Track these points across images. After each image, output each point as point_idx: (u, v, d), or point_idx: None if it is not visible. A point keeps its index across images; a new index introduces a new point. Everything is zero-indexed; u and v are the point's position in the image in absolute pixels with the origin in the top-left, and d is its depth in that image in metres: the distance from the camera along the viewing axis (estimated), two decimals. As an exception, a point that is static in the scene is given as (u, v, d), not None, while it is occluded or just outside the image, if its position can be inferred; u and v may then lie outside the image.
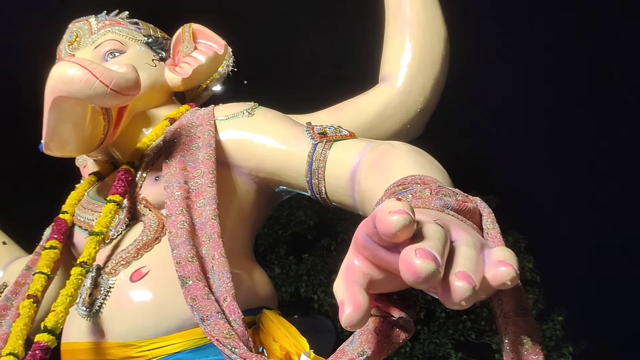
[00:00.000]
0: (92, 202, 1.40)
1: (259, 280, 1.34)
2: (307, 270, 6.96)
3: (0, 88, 2.01)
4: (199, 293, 1.05)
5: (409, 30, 1.48)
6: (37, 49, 1.71)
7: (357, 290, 0.62)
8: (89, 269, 1.21)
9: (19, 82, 1.36)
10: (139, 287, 1.19)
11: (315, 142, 1.24)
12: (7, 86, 1.66)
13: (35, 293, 1.22)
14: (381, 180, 0.98)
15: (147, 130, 1.46)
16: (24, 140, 1.49)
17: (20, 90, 1.31)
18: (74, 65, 1.11)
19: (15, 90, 1.44)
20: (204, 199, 1.20)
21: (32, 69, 1.43)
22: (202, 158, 1.27)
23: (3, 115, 2.02)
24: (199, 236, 1.16)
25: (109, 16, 1.61)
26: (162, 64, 1.56)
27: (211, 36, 1.61)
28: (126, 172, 1.33)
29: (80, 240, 1.37)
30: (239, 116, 1.37)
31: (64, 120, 1.20)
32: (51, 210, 1.46)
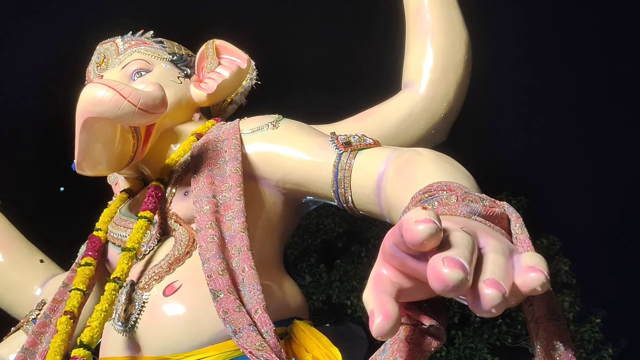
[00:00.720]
0: (124, 218, 1.43)
1: (290, 290, 1.35)
2: (339, 277, 6.96)
3: (35, 110, 2.07)
4: (231, 306, 1.06)
5: (430, 36, 1.47)
6: (67, 71, 1.76)
7: (387, 299, 0.63)
8: (122, 284, 1.23)
9: (52, 103, 1.40)
10: (172, 302, 1.21)
11: (340, 151, 1.24)
12: (41, 107, 1.71)
13: (72, 309, 1.25)
14: (407, 187, 0.98)
15: (175, 146, 1.49)
16: (58, 161, 1.53)
17: (54, 111, 1.34)
18: (103, 86, 1.14)
19: (48, 111, 1.49)
20: (233, 212, 1.22)
21: (63, 91, 1.47)
22: (229, 172, 1.29)
23: (37, 137, 2.08)
24: (228, 249, 1.17)
25: (134, 36, 1.65)
26: (187, 81, 1.59)
27: (234, 51, 1.63)
28: (156, 189, 1.35)
29: (113, 256, 1.40)
30: (264, 129, 1.38)
31: (95, 140, 1.23)
32: (85, 228, 1.50)
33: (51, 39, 1.95)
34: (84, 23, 1.75)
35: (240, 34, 1.75)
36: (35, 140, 2.07)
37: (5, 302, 1.67)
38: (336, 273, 7.02)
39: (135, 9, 2.08)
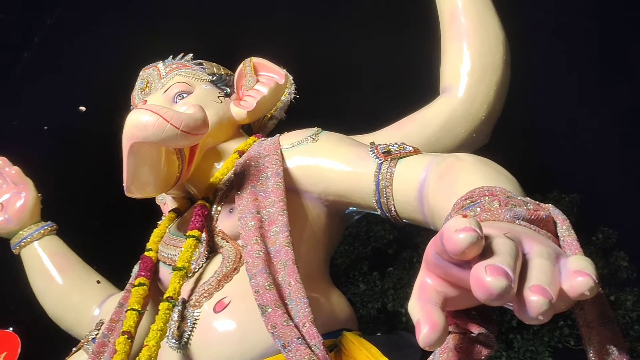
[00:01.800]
0: (174, 238, 1.46)
1: (337, 302, 1.35)
2: (393, 284, 6.91)
3: (85, 136, 2.15)
4: (279, 320, 1.07)
5: (466, 39, 1.46)
6: (113, 97, 1.82)
7: (433, 309, 0.62)
8: (175, 303, 1.26)
9: (101, 128, 1.46)
10: (223, 318, 1.23)
11: (380, 161, 1.24)
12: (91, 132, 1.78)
13: (129, 329, 1.29)
14: (449, 194, 0.97)
15: (218, 165, 1.52)
16: (108, 185, 1.59)
17: (103, 136, 1.40)
18: (146, 111, 1.18)
19: (98, 136, 1.55)
20: (277, 226, 1.23)
21: (110, 116, 1.52)
22: (271, 187, 1.31)
23: (89, 161, 2.16)
24: (274, 264, 1.18)
25: (174, 60, 1.69)
26: (227, 100, 1.62)
27: (271, 67, 1.66)
28: (202, 207, 1.38)
29: (165, 275, 1.43)
30: (304, 143, 1.40)
31: (142, 163, 1.27)
32: (137, 248, 1.54)
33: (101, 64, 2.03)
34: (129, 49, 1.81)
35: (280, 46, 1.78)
36: (87, 165, 2.17)
37: (67, 324, 1.73)
38: (390, 280, 6.97)
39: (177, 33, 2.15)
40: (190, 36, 2.26)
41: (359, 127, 1.54)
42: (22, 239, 1.73)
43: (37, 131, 2.33)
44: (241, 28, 1.92)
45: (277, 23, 2.28)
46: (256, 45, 1.75)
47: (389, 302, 6.80)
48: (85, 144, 2.00)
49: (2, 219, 1.72)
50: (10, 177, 1.76)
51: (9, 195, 1.74)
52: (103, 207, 2.17)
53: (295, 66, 1.71)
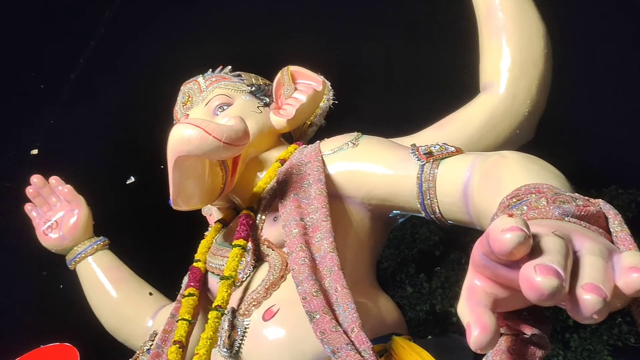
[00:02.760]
0: (220, 248, 1.49)
1: (385, 306, 1.35)
2: (440, 284, 6.82)
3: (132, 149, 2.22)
4: (327, 326, 1.07)
5: (505, 34, 1.43)
6: (158, 114, 1.87)
7: (482, 311, 0.61)
8: (223, 311, 1.28)
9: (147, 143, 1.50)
10: (272, 326, 1.24)
11: (422, 162, 1.23)
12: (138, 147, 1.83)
13: (180, 339, 1.32)
14: (494, 193, 0.95)
15: (261, 174, 1.54)
16: (155, 199, 1.63)
17: (150, 151, 1.44)
18: (189, 125, 1.21)
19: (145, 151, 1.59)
20: (321, 233, 1.24)
21: (155, 132, 1.56)
22: (314, 194, 1.31)
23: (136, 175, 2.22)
24: (320, 270, 1.19)
25: (214, 73, 1.73)
26: (267, 109, 1.64)
27: (309, 75, 1.67)
28: (247, 217, 1.40)
29: (213, 285, 1.45)
30: (344, 148, 1.40)
31: (187, 176, 1.30)
32: (186, 259, 1.58)
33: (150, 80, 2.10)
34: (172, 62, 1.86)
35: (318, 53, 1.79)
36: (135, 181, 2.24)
37: (122, 336, 1.78)
38: (437, 281, 6.88)
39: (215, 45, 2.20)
40: (229, 47, 2.29)
41: (399, 130, 1.53)
42: (76, 255, 1.78)
43: (86, 146, 2.40)
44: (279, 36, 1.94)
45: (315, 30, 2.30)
46: (294, 53, 1.76)
47: (437, 303, 6.71)
48: (135, 158, 2.06)
49: (57, 236, 1.78)
50: (63, 195, 1.83)
51: (62, 213, 1.80)
52: (152, 221, 2.22)
53: (333, 72, 1.72)
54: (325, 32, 2.31)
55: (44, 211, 1.82)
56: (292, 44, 1.93)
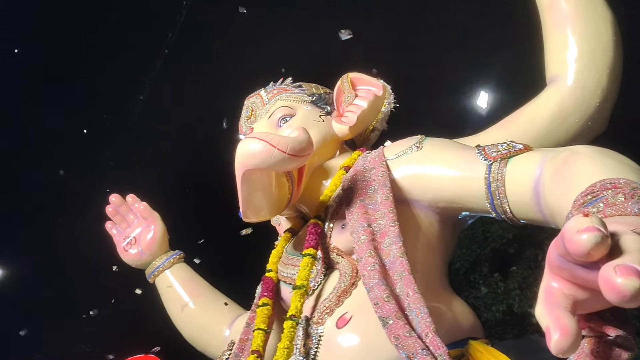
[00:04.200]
0: (291, 257, 1.51)
1: (459, 310, 1.32)
2: (517, 284, 6.61)
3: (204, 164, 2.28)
4: (401, 331, 1.07)
5: (569, 24, 1.38)
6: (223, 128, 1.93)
7: (562, 314, 0.60)
8: (298, 320, 1.30)
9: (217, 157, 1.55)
10: (346, 333, 1.25)
11: (489, 162, 1.20)
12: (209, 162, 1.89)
13: (258, 348, 1.35)
14: (567, 191, 0.92)
15: (326, 182, 1.55)
16: (225, 212, 1.68)
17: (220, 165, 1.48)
18: (254, 139, 1.24)
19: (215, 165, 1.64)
20: (389, 238, 1.23)
21: (223, 146, 1.60)
22: (380, 199, 1.31)
23: (208, 191, 2.30)
24: (390, 275, 1.18)
25: (275, 85, 1.76)
26: (329, 118, 1.66)
27: (369, 81, 1.67)
28: (315, 226, 1.42)
29: (286, 294, 1.48)
30: (408, 152, 1.39)
31: (255, 189, 1.33)
32: (257, 269, 1.61)
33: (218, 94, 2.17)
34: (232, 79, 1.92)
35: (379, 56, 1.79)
36: (206, 195, 2.31)
37: (201, 345, 1.84)
38: (514, 280, 6.68)
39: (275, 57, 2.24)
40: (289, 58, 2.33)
41: (463, 131, 1.51)
42: (155, 269, 1.86)
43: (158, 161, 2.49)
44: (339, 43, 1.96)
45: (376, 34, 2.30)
46: (354, 60, 1.77)
47: (515, 303, 6.51)
48: (206, 172, 2.13)
49: (136, 251, 1.87)
50: (139, 212, 1.91)
51: (140, 229, 1.89)
52: (223, 233, 2.29)
53: (394, 75, 1.71)
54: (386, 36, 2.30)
55: (122, 228, 1.91)
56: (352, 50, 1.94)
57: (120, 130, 2.50)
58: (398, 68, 1.97)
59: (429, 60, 2.49)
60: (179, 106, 2.45)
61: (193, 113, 2.45)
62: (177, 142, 2.50)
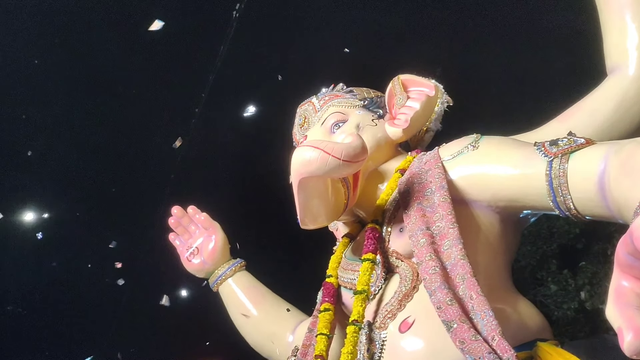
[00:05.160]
0: (350, 262, 1.51)
1: (525, 311, 1.29)
2: (588, 280, 6.38)
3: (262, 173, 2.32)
4: (466, 335, 1.05)
5: (629, 11, 1.32)
6: (279, 137, 1.95)
7: (634, 314, 0.58)
8: (361, 325, 1.30)
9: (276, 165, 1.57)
10: (409, 337, 1.24)
11: (550, 158, 1.17)
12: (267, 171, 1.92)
13: (321, 353, 1.36)
14: (634, 185, 0.89)
15: (382, 186, 1.55)
16: (283, 220, 1.70)
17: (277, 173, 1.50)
18: (308, 148, 1.25)
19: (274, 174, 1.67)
20: (449, 240, 1.22)
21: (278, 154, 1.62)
22: (438, 201, 1.29)
23: (265, 199, 2.34)
24: (452, 278, 1.17)
25: (326, 92, 1.77)
26: (381, 121, 1.65)
27: (420, 82, 1.65)
28: (373, 230, 1.41)
29: (347, 299, 1.48)
30: (464, 152, 1.36)
31: (311, 197, 1.34)
32: (317, 275, 1.63)
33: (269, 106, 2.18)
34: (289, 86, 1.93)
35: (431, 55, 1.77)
36: (264, 203, 2.35)
37: (266, 351, 1.87)
38: (583, 276, 6.45)
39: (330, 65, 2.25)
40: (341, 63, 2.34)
41: (519, 129, 1.47)
42: (217, 278, 1.90)
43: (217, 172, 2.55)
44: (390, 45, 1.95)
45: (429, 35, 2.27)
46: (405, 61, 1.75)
47: (586, 300, 6.28)
48: (263, 181, 2.16)
49: (199, 261, 1.91)
50: (200, 223, 1.96)
51: (201, 239, 1.93)
52: (282, 240, 2.32)
53: (446, 74, 1.69)
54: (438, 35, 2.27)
55: (185, 239, 1.96)
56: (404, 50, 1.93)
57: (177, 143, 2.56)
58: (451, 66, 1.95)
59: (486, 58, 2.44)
60: (233, 116, 2.50)
61: (248, 122, 2.49)
62: (233, 152, 2.55)
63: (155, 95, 2.42)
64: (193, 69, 2.46)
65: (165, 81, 2.46)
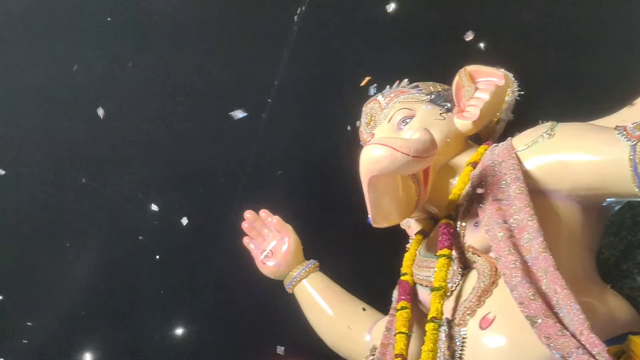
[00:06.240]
0: (425, 259, 1.50)
1: (614, 303, 1.23)
2: (680, 269, 6.01)
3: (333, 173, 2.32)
4: (552, 330, 1.02)
5: None
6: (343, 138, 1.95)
7: None
8: (440, 323, 1.28)
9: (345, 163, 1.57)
10: (491, 334, 1.21)
11: (633, 142, 1.11)
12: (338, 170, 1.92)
13: (401, 352, 1.36)
14: None
15: (454, 180, 1.52)
16: (355, 219, 1.69)
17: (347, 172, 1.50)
18: (376, 145, 1.25)
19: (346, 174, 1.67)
20: (528, 233, 1.18)
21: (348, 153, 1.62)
22: (514, 193, 1.26)
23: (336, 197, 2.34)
24: (534, 272, 1.14)
25: (392, 89, 1.76)
26: (450, 115, 1.62)
27: (488, 71, 1.61)
28: (447, 226, 1.39)
29: (424, 297, 1.47)
30: (539, 140, 1.32)
31: (382, 195, 1.34)
32: (391, 273, 1.61)
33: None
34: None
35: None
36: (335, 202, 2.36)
37: (343, 351, 1.87)
38: (674, 267, 6.08)
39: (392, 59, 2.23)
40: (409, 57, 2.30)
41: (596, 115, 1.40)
42: (292, 279, 1.92)
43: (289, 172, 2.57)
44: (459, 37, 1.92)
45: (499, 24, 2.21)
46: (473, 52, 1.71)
47: (677, 291, 5.90)
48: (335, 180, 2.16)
49: (274, 263, 1.94)
50: (273, 226, 1.99)
51: (275, 242, 1.97)
52: (354, 240, 2.31)
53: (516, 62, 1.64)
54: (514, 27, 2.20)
55: (259, 242, 2.00)
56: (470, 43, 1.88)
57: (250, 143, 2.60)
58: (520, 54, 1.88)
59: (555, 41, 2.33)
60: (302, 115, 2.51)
61: (317, 120, 2.49)
62: (303, 154, 2.56)
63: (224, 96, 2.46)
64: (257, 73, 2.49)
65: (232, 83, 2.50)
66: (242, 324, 2.63)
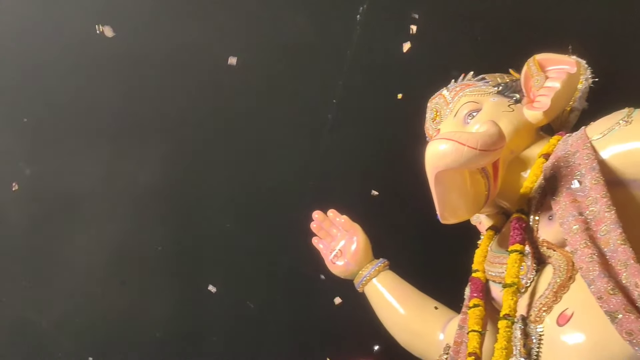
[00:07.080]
0: (497, 255, 1.46)
1: None
2: None
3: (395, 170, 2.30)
4: (634, 326, 0.98)
5: None
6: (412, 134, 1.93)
7: None
8: (513, 320, 1.25)
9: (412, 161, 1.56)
10: (569, 331, 1.17)
11: None
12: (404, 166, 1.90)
13: (475, 350, 1.33)
14: None
15: (525, 173, 1.47)
16: (424, 216, 1.67)
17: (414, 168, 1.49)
18: (441, 140, 1.23)
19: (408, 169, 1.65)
20: (605, 225, 1.13)
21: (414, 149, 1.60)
22: (589, 184, 1.21)
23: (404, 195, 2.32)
24: (612, 266, 1.08)
25: (457, 83, 1.73)
26: (519, 106, 1.57)
27: (558, 59, 1.55)
28: (519, 220, 1.35)
29: (497, 293, 1.43)
30: (616, 128, 1.26)
31: (449, 190, 1.32)
32: (462, 270, 1.58)
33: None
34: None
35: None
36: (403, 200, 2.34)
37: (417, 350, 1.86)
38: None
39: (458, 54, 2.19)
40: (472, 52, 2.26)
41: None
42: (362, 279, 1.93)
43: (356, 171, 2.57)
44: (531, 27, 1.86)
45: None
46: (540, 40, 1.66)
47: None
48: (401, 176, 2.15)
49: (343, 263, 1.95)
50: (341, 226, 2.00)
51: (344, 241, 1.98)
52: (424, 237, 2.29)
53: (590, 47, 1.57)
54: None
55: (328, 242, 2.02)
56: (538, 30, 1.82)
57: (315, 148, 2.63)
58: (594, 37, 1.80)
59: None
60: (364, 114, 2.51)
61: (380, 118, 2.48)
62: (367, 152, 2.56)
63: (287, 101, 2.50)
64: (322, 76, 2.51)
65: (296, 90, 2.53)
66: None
